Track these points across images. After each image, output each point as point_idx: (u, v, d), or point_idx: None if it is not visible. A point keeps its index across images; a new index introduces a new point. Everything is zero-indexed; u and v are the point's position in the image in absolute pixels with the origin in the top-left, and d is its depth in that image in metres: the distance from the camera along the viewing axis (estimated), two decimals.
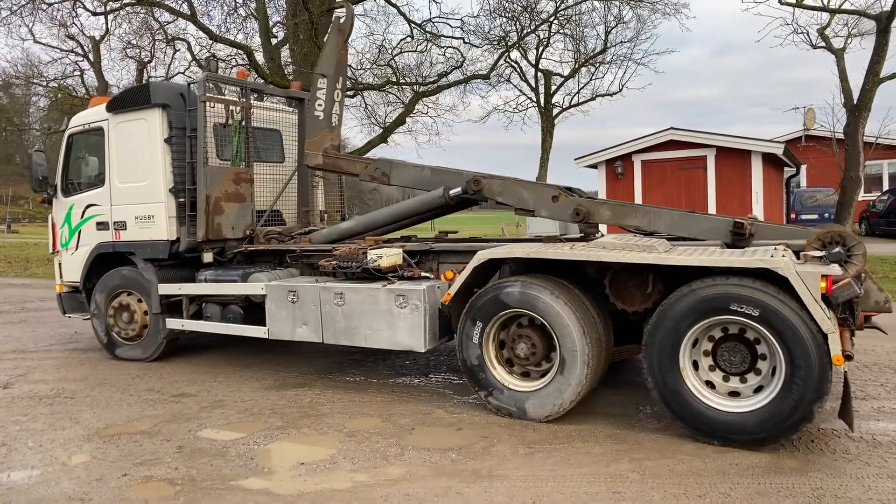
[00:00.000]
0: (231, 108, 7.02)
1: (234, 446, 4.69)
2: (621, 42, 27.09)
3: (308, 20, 16.24)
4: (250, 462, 4.40)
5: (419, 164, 6.82)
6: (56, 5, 20.80)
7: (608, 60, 27.81)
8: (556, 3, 23.66)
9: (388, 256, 5.72)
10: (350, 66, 23.74)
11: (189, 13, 18.96)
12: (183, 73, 26.79)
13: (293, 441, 4.82)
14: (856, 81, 16.49)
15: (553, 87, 28.99)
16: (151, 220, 7.08)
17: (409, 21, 20.82)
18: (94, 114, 7.61)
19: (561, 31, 26.11)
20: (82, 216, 7.67)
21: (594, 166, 17.12)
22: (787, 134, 23.46)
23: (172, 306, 7.16)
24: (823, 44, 18.06)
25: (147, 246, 7.12)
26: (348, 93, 22.41)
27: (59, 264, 8.09)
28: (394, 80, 21.92)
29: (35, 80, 27.19)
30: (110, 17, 22.18)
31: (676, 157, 15.59)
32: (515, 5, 22.85)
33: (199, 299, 7.05)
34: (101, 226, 7.47)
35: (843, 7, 16.89)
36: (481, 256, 5.15)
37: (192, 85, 7.03)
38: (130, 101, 7.22)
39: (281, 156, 8.10)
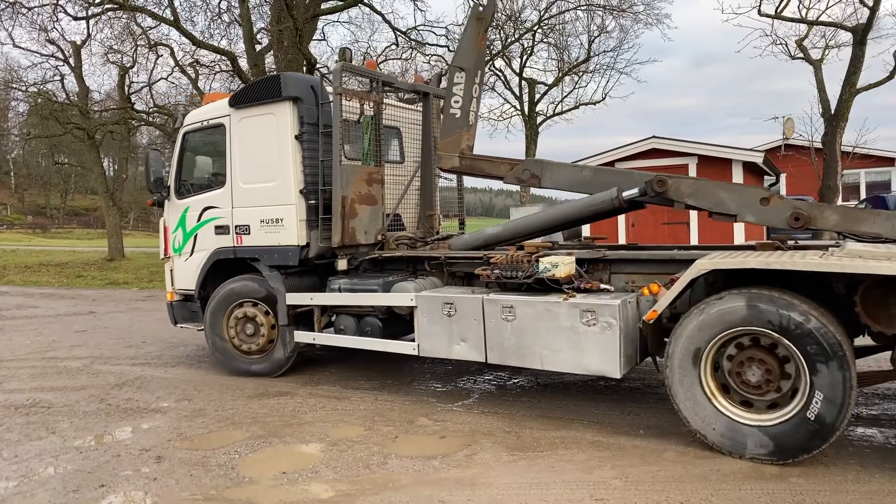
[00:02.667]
0: (364, 102, 6.48)
1: (215, 456, 4.64)
2: (604, 51, 27.39)
3: (292, 27, 16.19)
4: (231, 472, 4.35)
5: (576, 164, 6.30)
6: (36, 9, 20.58)
7: (591, 69, 28.09)
8: (539, 12, 23.90)
9: (565, 265, 5.04)
10: None
11: (172, 18, 18.83)
12: (166, 79, 26.63)
13: (275, 450, 4.77)
14: (833, 92, 16.80)
15: (537, 96, 29.19)
16: (280, 224, 6.51)
17: (394, 29, 20.87)
18: (213, 110, 7.10)
19: (545, 41, 26.37)
20: (199, 219, 7.13)
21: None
22: (766, 143, 23.78)
23: (298, 318, 6.62)
24: (802, 55, 18.39)
25: (275, 252, 6.54)
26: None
27: (171, 271, 7.52)
28: None
29: (14, 85, 26.82)
30: (92, 21, 21.98)
31: (659, 166, 15.71)
32: (500, 14, 23.01)
33: (330, 310, 6.52)
34: (221, 230, 6.93)
35: (820, 19, 17.24)
36: (703, 267, 4.35)
37: (325, 76, 6.51)
38: (257, 94, 6.63)
39: (400, 155, 7.52)
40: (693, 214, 15.14)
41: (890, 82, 16.76)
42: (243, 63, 19.36)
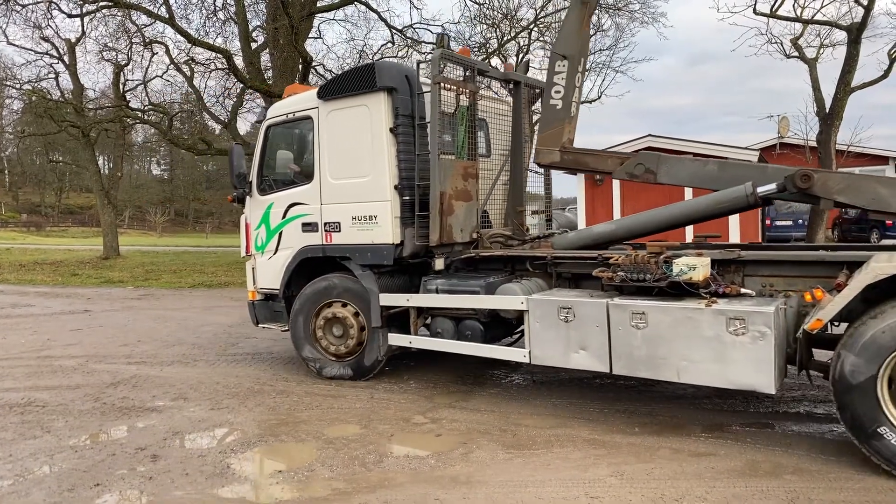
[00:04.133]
0: (462, 91, 6.09)
1: (211, 454, 4.63)
2: (600, 50, 27.42)
3: (288, 24, 16.17)
4: (227, 470, 4.35)
5: (697, 157, 5.85)
6: (31, 7, 20.49)
7: (587, 68, 28.11)
8: (535, 10, 23.90)
9: (702, 267, 4.60)
10: (331, 70, 23.70)
11: (167, 16, 18.77)
12: (161, 77, 26.54)
13: (271, 449, 4.77)
14: (828, 91, 16.87)
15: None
16: (373, 222, 6.18)
17: (390, 27, 20.87)
18: (299, 102, 6.80)
19: (541, 39, 26.34)
20: (284, 216, 6.83)
21: (573, 172, 17.25)
22: (762, 142, 23.84)
23: (389, 319, 6.32)
24: (797, 54, 18.44)
25: (368, 250, 6.22)
26: None
27: (253, 269, 7.24)
28: None
29: (8, 83, 26.69)
30: (86, 19, 21.89)
31: None
32: (496, 13, 23.04)
33: (426, 312, 6.21)
34: (308, 227, 6.62)
35: (815, 18, 17.29)
36: (883, 271, 3.93)
37: (421, 64, 6.22)
38: (349, 85, 6.26)
39: (486, 148, 7.13)
40: None
41: (884, 81, 16.83)
42: (239, 61, 19.33)
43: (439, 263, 6.16)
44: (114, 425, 5.37)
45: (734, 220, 14.05)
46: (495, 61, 26.92)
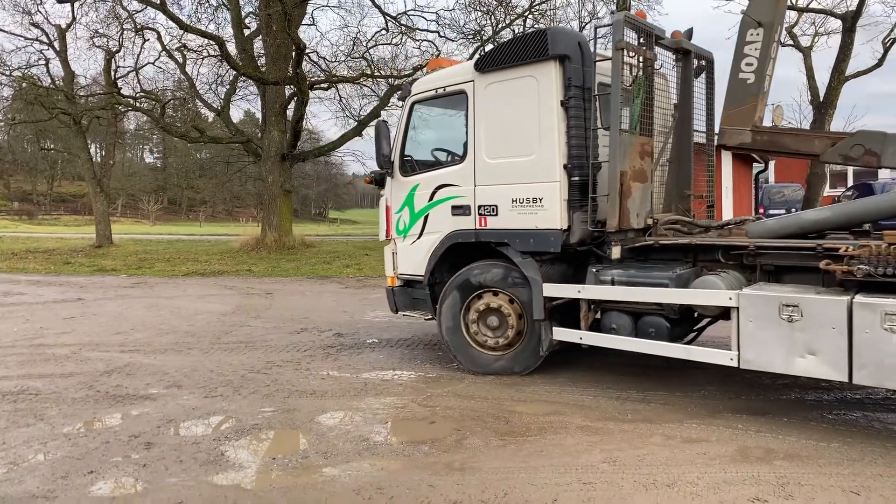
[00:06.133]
0: (647, 60, 5.59)
1: (204, 441, 4.64)
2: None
3: (281, 11, 16.04)
4: (221, 458, 4.36)
5: None
6: None
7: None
8: None
9: None
10: (324, 58, 23.56)
11: (158, 2, 18.59)
12: (153, 64, 26.32)
13: (264, 436, 4.78)
14: (822, 79, 16.91)
15: None
16: (538, 204, 5.70)
17: (384, 14, 20.76)
18: (450, 75, 6.43)
19: (536, 27, 26.24)
20: (431, 198, 6.44)
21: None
22: None
23: (551, 312, 5.84)
24: (791, 42, 18.45)
25: (531, 236, 5.74)
26: (322, 85, 22.26)
27: (394, 254, 6.88)
28: (368, 72, 21.84)
29: None
30: (76, 4, 21.67)
31: None
32: (490, 0, 22.89)
33: (596, 305, 5.71)
34: (459, 210, 6.20)
35: (810, 6, 17.29)
36: None
37: (599, 28, 5.69)
38: (515, 55, 5.78)
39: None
40: None
41: (878, 70, 16.90)
42: (231, 48, 19.18)
43: (616, 252, 5.61)
44: (107, 413, 5.36)
45: (726, 211, 14.07)
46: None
